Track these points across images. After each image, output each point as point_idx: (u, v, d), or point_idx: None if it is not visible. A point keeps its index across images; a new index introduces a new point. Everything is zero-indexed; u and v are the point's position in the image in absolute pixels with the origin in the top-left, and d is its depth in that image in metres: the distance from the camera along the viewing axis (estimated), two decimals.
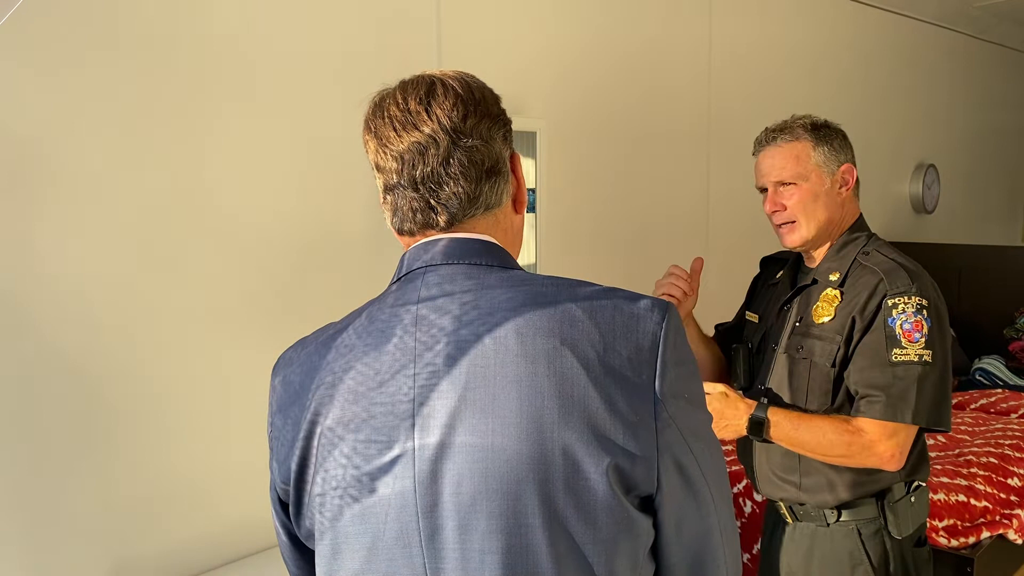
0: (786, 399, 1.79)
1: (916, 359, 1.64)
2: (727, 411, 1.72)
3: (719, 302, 2.15)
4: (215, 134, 1.99)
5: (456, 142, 0.94)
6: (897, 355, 1.65)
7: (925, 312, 1.67)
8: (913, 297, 1.67)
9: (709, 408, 1.68)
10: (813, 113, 1.89)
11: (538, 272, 2.82)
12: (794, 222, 1.80)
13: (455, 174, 0.94)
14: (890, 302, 1.68)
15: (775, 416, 1.70)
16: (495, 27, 2.67)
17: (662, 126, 3.36)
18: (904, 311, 1.67)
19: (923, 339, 1.65)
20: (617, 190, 3.19)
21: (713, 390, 1.73)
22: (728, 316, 2.15)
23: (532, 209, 2.81)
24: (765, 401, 1.77)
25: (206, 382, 2.00)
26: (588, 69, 3.01)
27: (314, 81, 2.16)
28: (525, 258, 2.81)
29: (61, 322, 1.77)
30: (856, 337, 1.71)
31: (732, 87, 3.65)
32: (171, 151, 1.92)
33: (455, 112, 0.95)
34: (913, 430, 1.66)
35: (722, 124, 3.60)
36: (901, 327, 1.66)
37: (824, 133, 1.81)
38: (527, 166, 2.76)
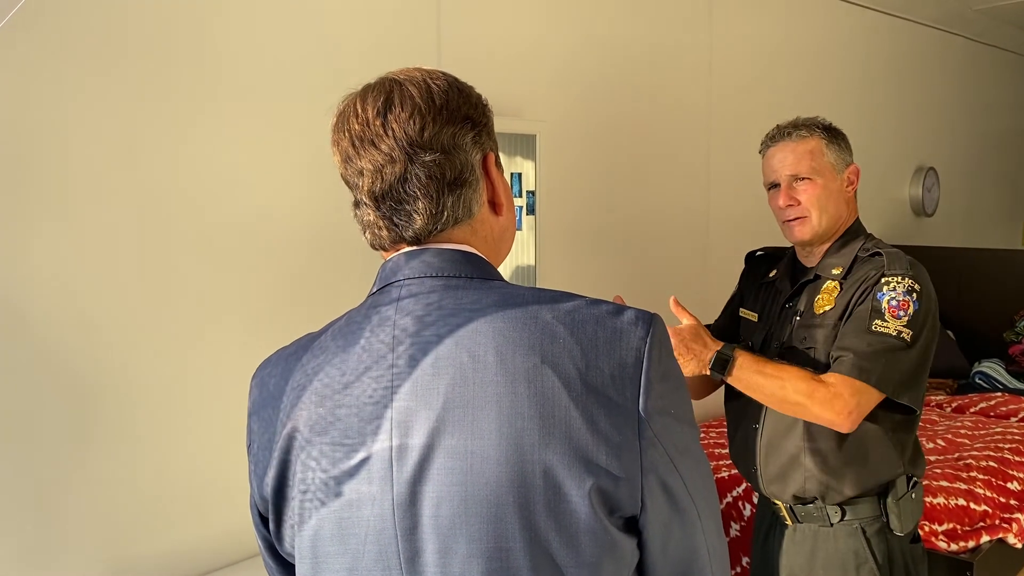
0: None
1: (894, 333, 1.67)
2: (694, 344, 1.71)
3: (720, 303, 2.14)
4: (214, 135, 1.99)
5: (413, 158, 0.90)
6: (877, 325, 1.68)
7: (915, 295, 1.70)
8: (906, 279, 1.71)
9: (674, 341, 1.67)
10: (813, 114, 1.92)
11: (537, 273, 2.82)
12: (806, 217, 1.82)
13: (413, 192, 0.91)
14: (883, 279, 1.71)
15: (742, 357, 1.70)
16: (495, 29, 2.67)
17: (662, 127, 3.35)
18: (895, 288, 1.70)
19: (906, 318, 1.68)
20: (617, 191, 3.18)
21: (686, 321, 1.73)
22: None
23: (532, 211, 2.80)
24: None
25: (204, 384, 1.99)
26: (588, 71, 3.00)
27: (314, 81, 2.15)
28: (525, 260, 2.81)
29: (59, 324, 1.77)
30: (849, 312, 1.74)
31: (732, 89, 3.65)
32: (170, 152, 1.91)
33: (411, 125, 0.90)
34: (874, 396, 1.66)
35: (722, 125, 3.60)
36: (888, 303, 1.69)
37: (834, 133, 1.86)
38: (527, 168, 2.75)
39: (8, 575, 1.70)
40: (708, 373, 1.72)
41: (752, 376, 1.69)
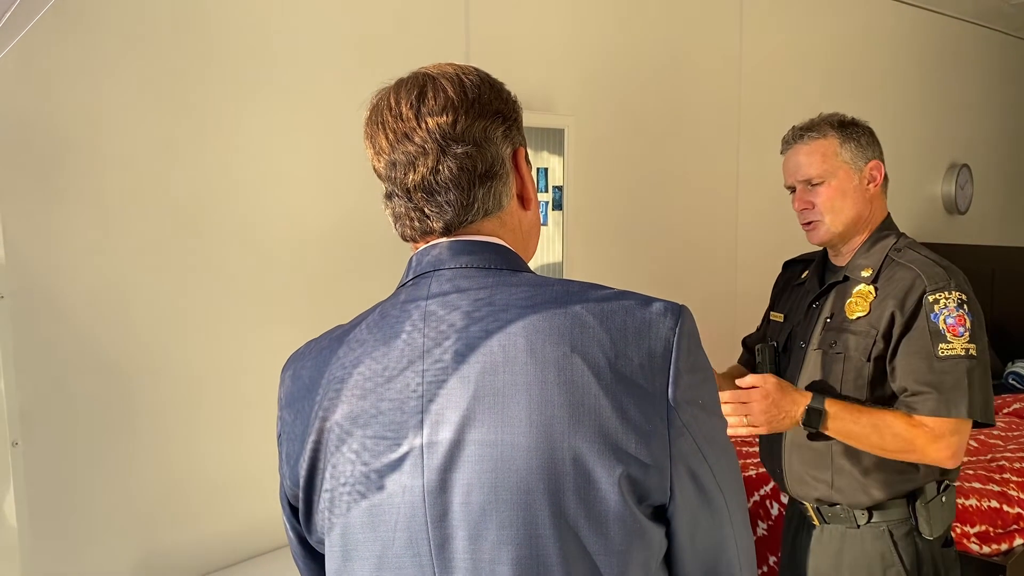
0: None
1: (963, 352, 1.65)
2: (783, 401, 1.66)
3: (749, 298, 2.13)
4: (248, 132, 2.00)
5: (445, 150, 0.91)
6: (943, 350, 1.65)
7: (966, 307, 1.67)
8: (953, 292, 1.68)
9: (764, 404, 1.65)
10: (845, 110, 1.88)
11: (564, 269, 2.81)
12: (820, 220, 1.80)
13: (445, 183, 0.92)
14: (931, 298, 1.68)
15: (832, 407, 1.66)
16: (524, 24, 2.67)
17: (691, 122, 3.33)
18: (946, 306, 1.67)
19: (967, 333, 1.65)
20: (645, 187, 3.17)
21: (765, 381, 1.67)
22: (757, 313, 2.13)
23: (559, 206, 2.80)
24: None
25: (232, 380, 2.01)
26: (617, 66, 2.99)
27: (344, 79, 2.16)
28: (552, 256, 2.80)
29: (91, 319, 1.79)
30: (897, 332, 1.70)
31: (763, 83, 3.62)
32: (204, 148, 1.93)
33: (444, 117, 0.91)
34: (969, 426, 1.65)
35: (752, 121, 3.57)
36: (944, 322, 1.66)
37: (851, 130, 1.82)
38: (555, 163, 2.75)
39: (40, 563, 1.73)
40: (801, 427, 1.68)
41: (847, 426, 1.66)
